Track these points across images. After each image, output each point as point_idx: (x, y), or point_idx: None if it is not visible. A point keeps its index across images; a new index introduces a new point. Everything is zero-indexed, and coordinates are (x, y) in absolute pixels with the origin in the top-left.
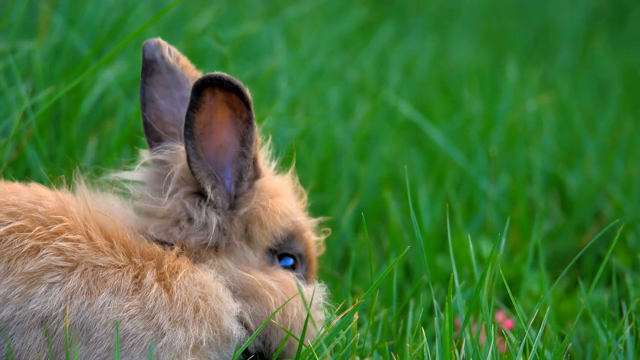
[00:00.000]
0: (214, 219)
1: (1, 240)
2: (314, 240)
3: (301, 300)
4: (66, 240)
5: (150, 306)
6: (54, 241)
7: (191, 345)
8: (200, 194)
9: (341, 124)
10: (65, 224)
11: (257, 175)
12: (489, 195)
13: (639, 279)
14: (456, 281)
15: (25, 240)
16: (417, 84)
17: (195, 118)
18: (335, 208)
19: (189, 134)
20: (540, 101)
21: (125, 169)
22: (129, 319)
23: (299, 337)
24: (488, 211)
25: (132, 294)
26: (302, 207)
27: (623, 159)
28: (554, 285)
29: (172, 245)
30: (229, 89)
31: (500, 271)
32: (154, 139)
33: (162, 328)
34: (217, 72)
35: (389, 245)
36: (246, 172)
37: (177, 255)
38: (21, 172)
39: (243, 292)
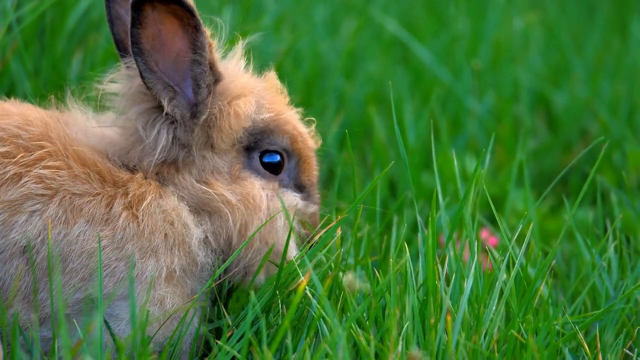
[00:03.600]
0: (165, 136)
1: None
2: (302, 133)
3: (264, 219)
4: (46, 167)
5: (119, 237)
6: (34, 168)
7: (164, 275)
8: (160, 108)
9: (327, 41)
10: (47, 150)
11: (216, 79)
12: (475, 112)
13: (624, 197)
14: (440, 197)
15: (9, 167)
16: (404, 1)
17: (141, 34)
18: (321, 124)
19: (137, 50)
20: (527, 19)
21: (102, 81)
22: (102, 249)
23: (260, 261)
24: (473, 128)
25: (104, 224)
26: (283, 101)
27: (610, 78)
28: (538, 202)
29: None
30: (168, 1)
31: (485, 188)
32: (126, 55)
33: (134, 258)
34: None
35: (373, 161)
36: (203, 79)
37: (144, 180)
38: (5, 85)
39: (205, 208)
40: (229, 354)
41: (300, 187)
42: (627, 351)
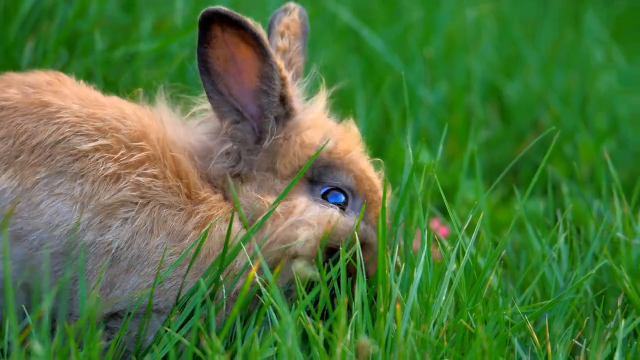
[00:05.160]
0: (230, 149)
1: (88, 156)
2: (369, 177)
3: (294, 222)
4: (144, 174)
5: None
6: (133, 173)
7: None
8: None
9: None
10: (147, 152)
11: (288, 113)
12: (427, 102)
13: (575, 188)
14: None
15: (109, 164)
16: None
17: (209, 53)
18: None
19: (204, 69)
20: (480, 9)
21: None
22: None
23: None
24: (425, 118)
25: (179, 241)
26: (355, 143)
27: (563, 69)
28: (488, 192)
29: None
30: (231, 23)
31: (436, 177)
32: None
33: (187, 278)
34: (216, 7)
35: None
36: (270, 110)
37: (217, 203)
38: None
39: (255, 218)
40: (178, 341)
41: None
42: (576, 342)
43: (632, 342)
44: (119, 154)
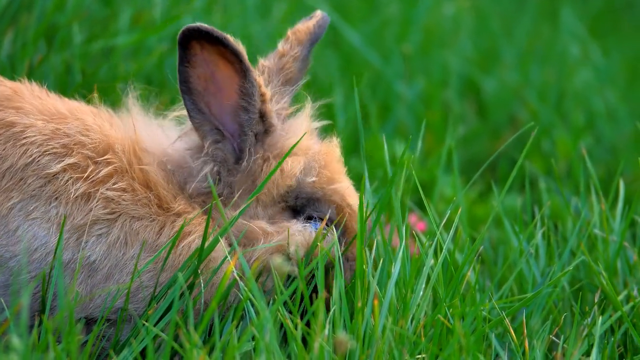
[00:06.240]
0: (210, 171)
1: (57, 177)
2: (350, 205)
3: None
4: (112, 189)
5: (159, 266)
6: (102, 188)
7: None
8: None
9: (258, 23)
10: (114, 166)
11: (266, 130)
12: (404, 97)
13: (552, 184)
14: (367, 182)
15: (79, 183)
16: None
17: (190, 72)
18: None
19: (185, 89)
20: (458, 4)
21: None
22: (146, 273)
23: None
24: (403, 113)
25: (153, 252)
26: (338, 170)
27: (539, 65)
28: (466, 188)
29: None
30: (213, 41)
31: (414, 173)
32: None
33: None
34: (196, 24)
35: None
36: (249, 127)
37: (197, 217)
38: None
39: (246, 242)
40: (156, 335)
41: None
42: (554, 338)
43: (609, 338)
44: (88, 171)
